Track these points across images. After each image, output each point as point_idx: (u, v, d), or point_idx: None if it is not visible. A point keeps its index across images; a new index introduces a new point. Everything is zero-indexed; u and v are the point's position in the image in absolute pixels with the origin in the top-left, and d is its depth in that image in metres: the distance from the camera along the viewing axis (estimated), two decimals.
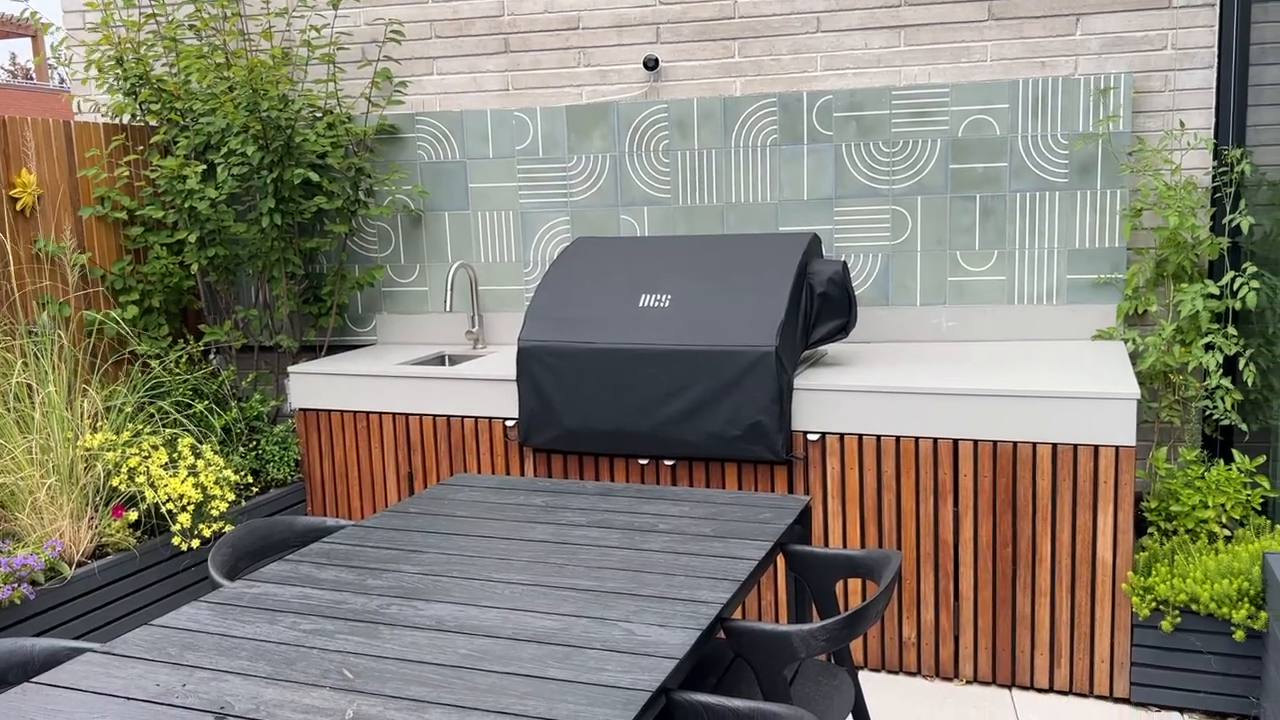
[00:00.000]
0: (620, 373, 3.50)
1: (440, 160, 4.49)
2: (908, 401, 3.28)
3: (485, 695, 1.68)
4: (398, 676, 1.76)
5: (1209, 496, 3.33)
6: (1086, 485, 3.13)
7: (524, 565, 2.27)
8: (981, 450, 3.23)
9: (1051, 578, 3.21)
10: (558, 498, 2.77)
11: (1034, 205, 3.90)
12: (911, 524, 3.33)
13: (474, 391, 3.82)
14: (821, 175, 4.08)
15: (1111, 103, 3.76)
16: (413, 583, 2.18)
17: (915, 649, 3.41)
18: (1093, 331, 3.91)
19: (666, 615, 1.97)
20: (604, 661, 1.78)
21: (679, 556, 2.29)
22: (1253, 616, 2.96)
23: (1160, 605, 3.08)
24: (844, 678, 2.40)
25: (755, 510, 2.60)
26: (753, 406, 3.36)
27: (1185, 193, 3.62)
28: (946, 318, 4.05)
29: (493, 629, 1.93)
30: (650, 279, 3.68)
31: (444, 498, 2.80)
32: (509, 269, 4.50)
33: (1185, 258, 3.66)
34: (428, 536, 2.49)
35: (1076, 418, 3.11)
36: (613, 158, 4.29)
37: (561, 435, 3.62)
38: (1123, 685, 3.19)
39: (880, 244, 4.07)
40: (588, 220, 4.37)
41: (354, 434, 4.05)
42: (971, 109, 3.90)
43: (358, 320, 4.73)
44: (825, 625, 1.98)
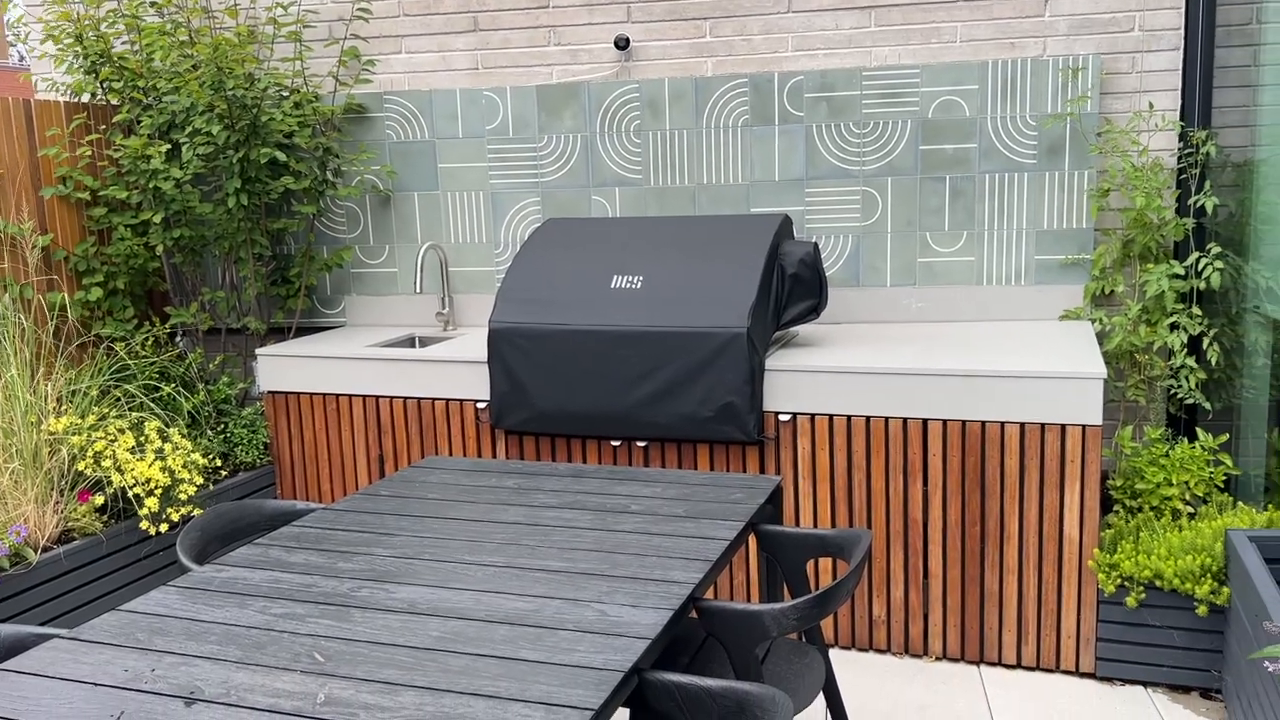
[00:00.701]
0: (592, 354, 3.50)
1: (409, 140, 4.45)
2: (878, 382, 3.30)
3: (458, 677, 1.68)
4: (369, 659, 1.75)
5: (1173, 474, 3.38)
6: (1054, 464, 3.17)
7: (496, 547, 2.26)
8: (950, 430, 3.25)
9: (1019, 555, 3.25)
10: (530, 480, 2.77)
11: (1003, 186, 3.93)
12: (881, 503, 3.36)
13: (445, 373, 3.80)
14: (793, 156, 4.08)
15: (1080, 84, 3.78)
16: (384, 565, 2.18)
17: (885, 627, 3.44)
18: (1060, 311, 3.95)
19: (639, 596, 1.97)
20: (576, 642, 1.78)
21: (651, 537, 2.29)
22: (1215, 592, 3.01)
23: (1125, 582, 3.13)
24: (815, 656, 2.42)
25: (727, 491, 2.61)
26: (724, 387, 3.37)
27: (1152, 174, 3.65)
28: (916, 298, 4.08)
29: (465, 611, 1.93)
30: (622, 260, 3.67)
31: (415, 480, 2.79)
32: (479, 250, 4.47)
33: (1151, 238, 3.70)
34: (399, 519, 2.48)
35: (1044, 397, 3.14)
36: (584, 138, 4.27)
37: (533, 417, 3.61)
38: (1088, 660, 3.24)
39: (851, 225, 4.08)
40: (559, 201, 4.35)
41: (323, 417, 4.02)
42: (941, 90, 3.91)
43: (326, 302, 4.69)
44: (796, 604, 1.99)
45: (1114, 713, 3.04)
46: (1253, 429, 3.55)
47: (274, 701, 1.62)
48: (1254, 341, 3.54)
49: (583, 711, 1.55)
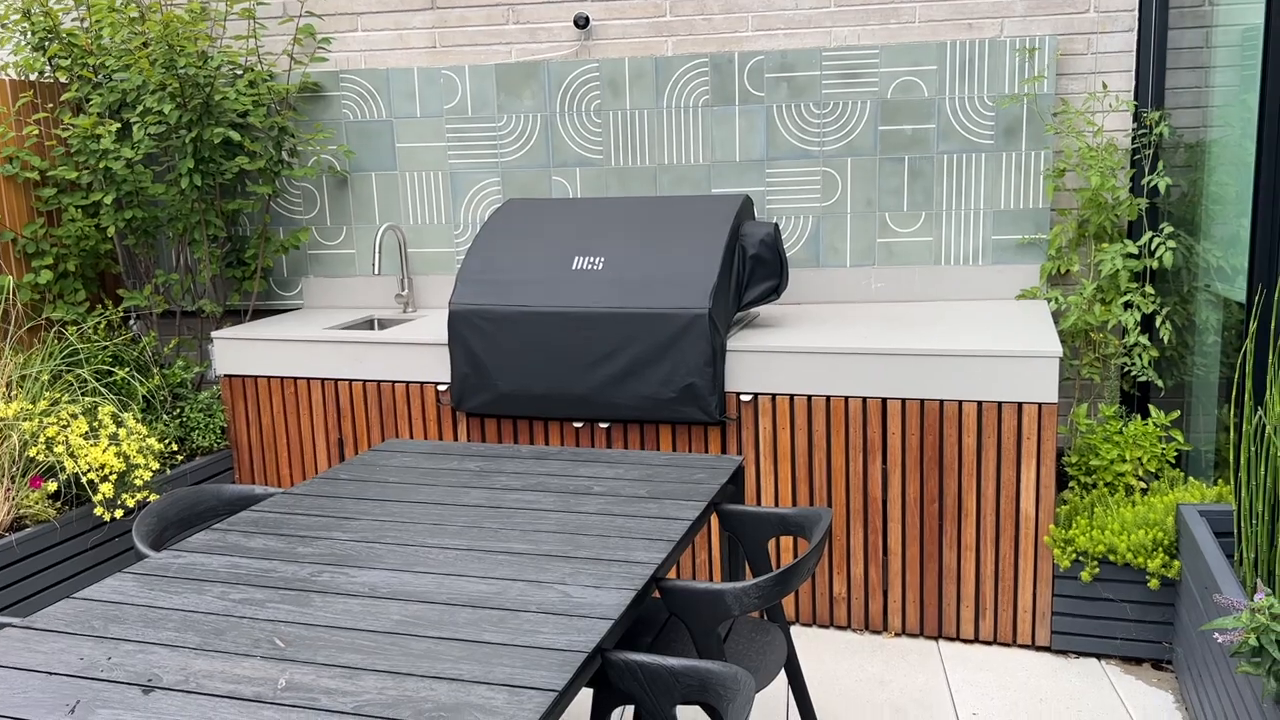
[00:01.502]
0: (554, 336, 3.49)
1: (366, 119, 4.39)
2: (838, 362, 3.32)
3: (420, 660, 1.67)
4: (330, 644, 1.74)
5: (1126, 450, 3.44)
6: (1010, 442, 3.21)
7: (458, 530, 2.25)
8: (909, 409, 3.28)
9: (976, 532, 3.30)
10: (492, 462, 2.76)
11: (961, 167, 3.96)
12: (841, 482, 3.39)
13: (405, 356, 3.77)
14: (753, 136, 4.08)
15: (1036, 64, 3.82)
16: (344, 550, 2.16)
17: (845, 603, 3.48)
18: (1017, 291, 3.99)
19: (602, 577, 1.98)
20: (540, 624, 1.79)
21: (614, 518, 2.30)
22: (1166, 565, 3.07)
23: (1080, 556, 3.19)
24: (776, 633, 2.44)
25: (689, 471, 2.62)
26: (686, 368, 3.38)
27: (1106, 154, 3.70)
28: (876, 279, 4.10)
29: (427, 594, 1.93)
30: (583, 241, 3.66)
31: (375, 464, 2.77)
32: (438, 231, 4.43)
33: (1106, 218, 3.75)
34: (359, 503, 2.46)
35: (1001, 376, 3.18)
36: (544, 118, 4.24)
37: (495, 399, 3.60)
38: (1044, 634, 3.29)
39: (811, 206, 4.10)
40: (519, 181, 4.32)
41: (281, 400, 3.98)
42: (900, 70, 3.93)
43: (283, 284, 4.63)
44: (758, 583, 2.00)
45: (1069, 685, 3.10)
46: (1203, 405, 3.62)
47: (234, 688, 1.61)
48: (1205, 320, 3.60)
49: (546, 693, 1.56)
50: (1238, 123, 3.25)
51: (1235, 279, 3.23)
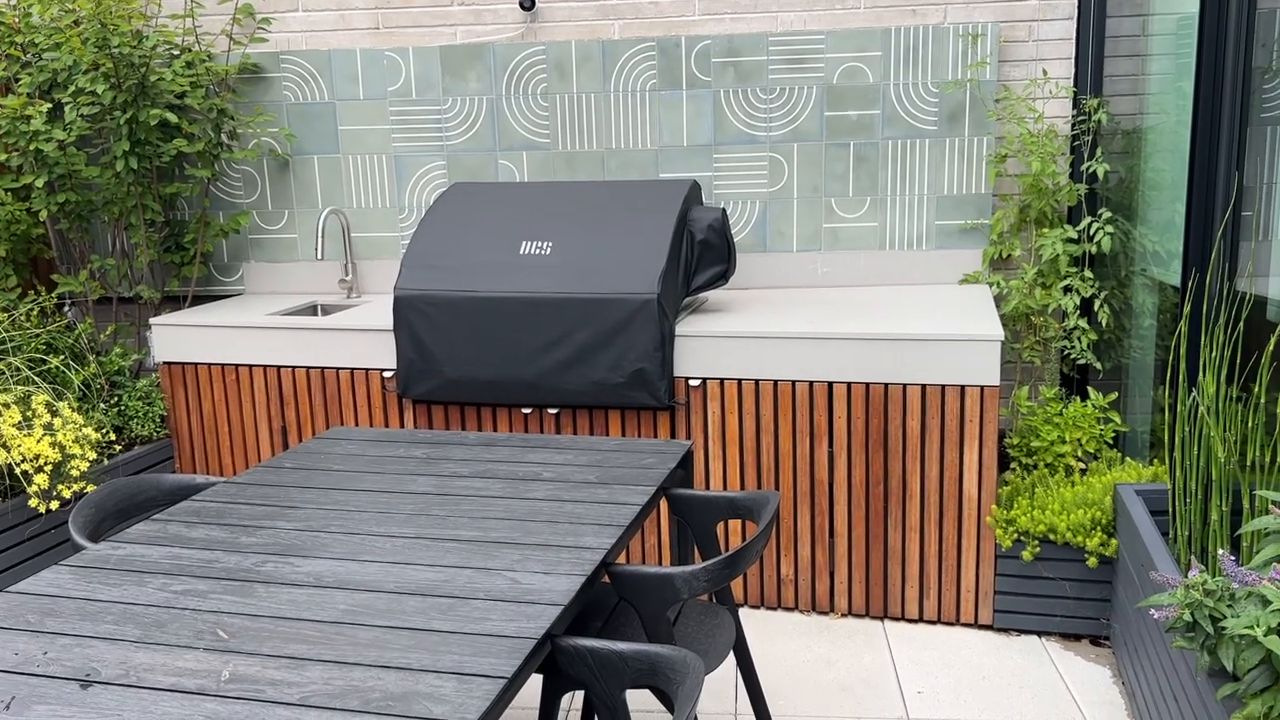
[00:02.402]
0: (501, 321, 3.46)
1: (308, 102, 4.32)
2: (785, 346, 3.34)
3: (367, 650, 1.66)
4: (275, 635, 1.72)
5: (1066, 432, 3.51)
6: (953, 424, 3.26)
7: (405, 518, 2.23)
8: (855, 392, 3.32)
9: (921, 513, 3.34)
10: (439, 449, 2.74)
11: (905, 152, 3.99)
12: (789, 465, 3.42)
13: (349, 342, 3.73)
14: (700, 121, 4.08)
15: (979, 51, 3.86)
16: (289, 539, 2.13)
17: (793, 585, 3.52)
18: (960, 275, 4.05)
19: (551, 563, 1.97)
20: (489, 611, 1.78)
21: (563, 504, 2.29)
22: (1104, 544, 3.15)
23: (1021, 536, 3.25)
24: (725, 616, 2.46)
25: (639, 456, 2.62)
26: (635, 353, 3.38)
27: (1047, 140, 3.76)
28: (822, 264, 4.13)
29: (374, 583, 1.91)
30: (531, 226, 3.63)
31: (320, 452, 2.74)
32: (383, 215, 4.38)
33: (1046, 203, 3.81)
34: (304, 492, 2.43)
35: (944, 360, 3.22)
36: (489, 100, 4.20)
37: (442, 385, 3.57)
38: (987, 613, 3.36)
39: (758, 191, 4.11)
40: (465, 165, 4.28)
41: (223, 388, 3.91)
42: (846, 56, 3.95)
43: (224, 269, 4.54)
44: (707, 566, 2.01)
45: (1010, 662, 3.17)
46: (1139, 387, 3.71)
47: (176, 681, 1.58)
48: (1141, 303, 3.69)
49: (495, 680, 1.55)
50: (1173, 110, 3.32)
51: (1170, 263, 3.30)
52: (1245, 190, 2.87)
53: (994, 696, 2.97)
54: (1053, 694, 2.98)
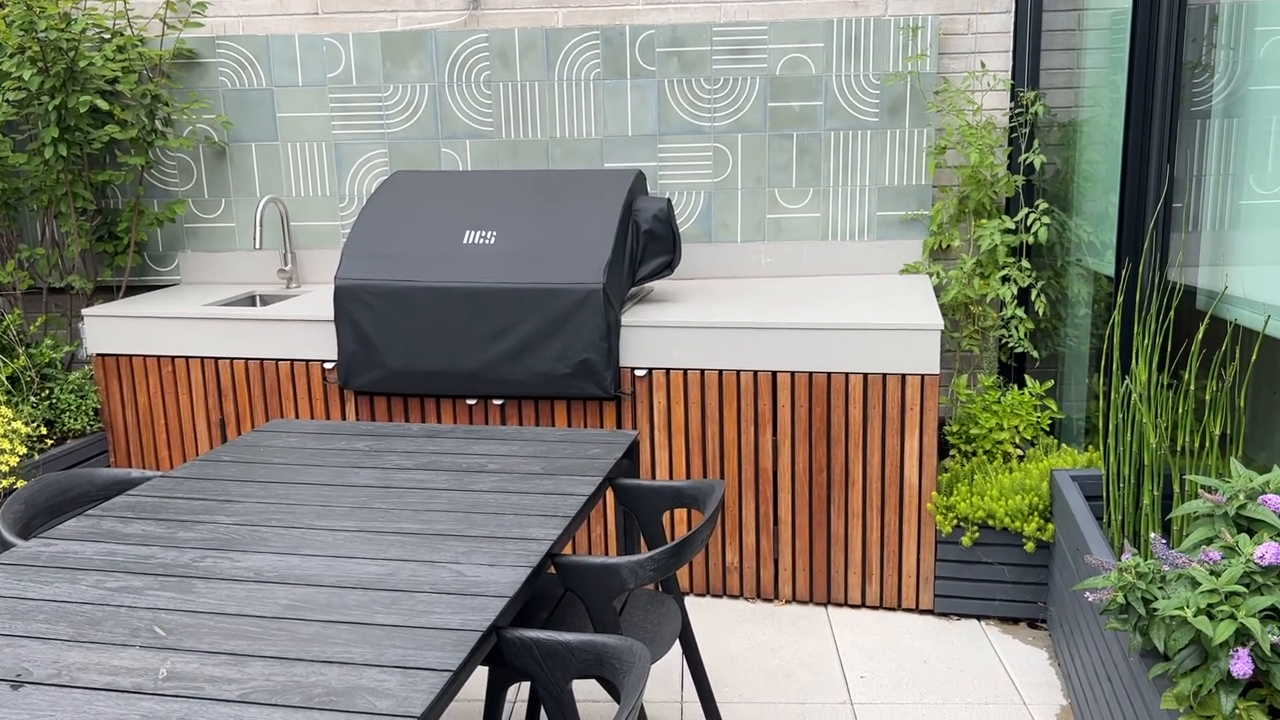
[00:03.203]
0: (445, 312, 3.43)
1: (245, 88, 4.23)
2: (730, 336, 3.36)
3: (309, 645, 1.64)
4: (215, 631, 1.69)
5: (1004, 419, 3.57)
6: (895, 412, 3.30)
7: (347, 511, 2.21)
8: (798, 381, 3.35)
9: (863, 500, 3.39)
10: (381, 441, 2.71)
11: (847, 144, 4.03)
12: (734, 453, 3.44)
13: (289, 333, 3.67)
14: (645, 111, 4.08)
15: (919, 43, 3.90)
16: (228, 534, 2.09)
17: (738, 573, 3.54)
18: (901, 265, 4.10)
19: (496, 555, 1.96)
20: (433, 604, 1.76)
21: (509, 495, 2.28)
22: (1041, 529, 3.21)
23: (961, 522, 3.30)
24: (671, 604, 2.47)
25: (585, 447, 2.62)
26: (581, 344, 3.37)
27: (985, 132, 3.81)
28: (766, 254, 4.16)
29: (315, 578, 1.88)
30: (474, 215, 3.60)
31: (259, 445, 2.69)
32: (323, 204, 4.31)
33: (985, 195, 3.87)
34: (243, 485, 2.39)
35: (885, 349, 3.26)
36: (431, 88, 4.15)
37: (384, 377, 3.53)
38: (928, 598, 3.41)
39: (703, 181, 4.12)
40: (406, 153, 4.23)
41: (159, 380, 3.83)
42: (789, 47, 3.97)
43: (159, 259, 4.44)
44: (653, 555, 2.02)
45: (951, 645, 3.22)
46: (1075, 375, 3.79)
47: (111, 680, 1.55)
48: (1076, 293, 3.76)
49: (440, 673, 1.54)
50: (1107, 103, 3.39)
51: (1105, 254, 3.38)
52: (1176, 182, 2.94)
53: (935, 680, 3.03)
54: (991, 676, 3.04)
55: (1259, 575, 1.83)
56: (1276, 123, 2.42)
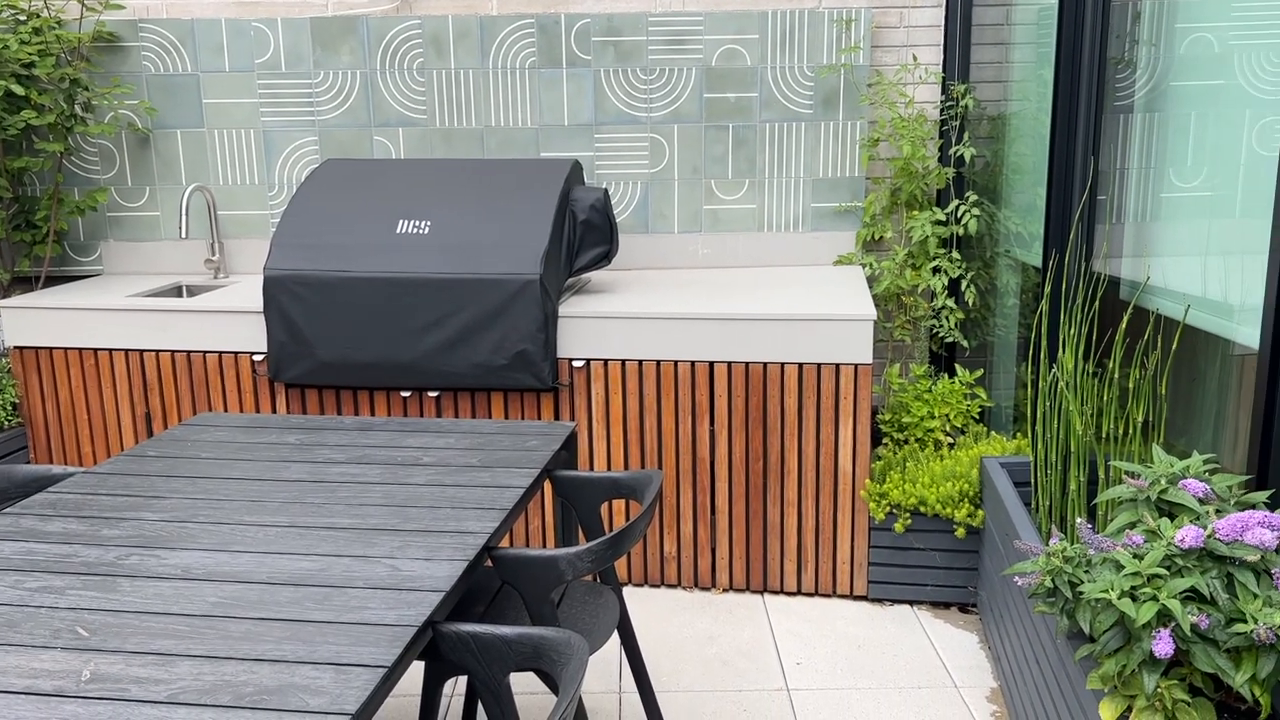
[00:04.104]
0: (378, 302, 3.38)
1: (169, 73, 4.12)
2: (667, 327, 3.36)
3: (239, 643, 1.60)
4: (141, 630, 1.64)
5: (935, 408, 3.63)
6: (829, 401, 3.34)
7: (278, 506, 2.17)
8: (735, 371, 3.36)
9: (798, 489, 3.42)
10: (313, 434, 2.66)
11: (782, 135, 4.05)
12: (672, 444, 3.45)
13: (216, 325, 3.58)
14: (581, 100, 4.06)
15: (852, 35, 3.94)
16: (154, 531, 2.04)
17: (676, 562, 3.55)
18: (835, 256, 4.14)
19: (432, 549, 1.94)
20: (367, 600, 1.74)
21: (445, 489, 2.26)
22: (972, 515, 3.28)
23: (893, 509, 3.35)
24: (609, 595, 2.47)
25: (522, 439, 2.60)
26: (518, 335, 3.35)
27: (917, 125, 3.86)
28: (702, 245, 4.17)
29: (245, 574, 1.84)
30: (407, 204, 3.55)
31: (186, 439, 2.63)
32: (251, 192, 4.22)
33: (916, 186, 3.93)
34: (169, 481, 2.33)
35: (819, 339, 3.29)
36: (363, 75, 4.08)
37: (315, 369, 3.47)
38: (862, 584, 3.46)
39: (639, 172, 4.11)
40: (338, 141, 4.15)
41: (81, 373, 3.71)
42: (724, 38, 3.98)
43: (80, 249, 4.31)
44: (591, 547, 2.01)
45: (884, 631, 3.27)
46: (1003, 364, 3.87)
47: (31, 683, 1.50)
48: (1005, 283, 3.84)
49: (375, 669, 1.52)
50: (1034, 97, 3.46)
51: (1032, 245, 3.45)
52: (1100, 175, 3.01)
53: (869, 665, 3.07)
54: (924, 660, 3.09)
55: (1180, 558, 1.89)
56: (1195, 118, 2.48)
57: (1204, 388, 2.41)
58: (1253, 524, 1.87)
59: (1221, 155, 2.35)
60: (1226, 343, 2.29)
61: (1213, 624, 1.81)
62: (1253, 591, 1.82)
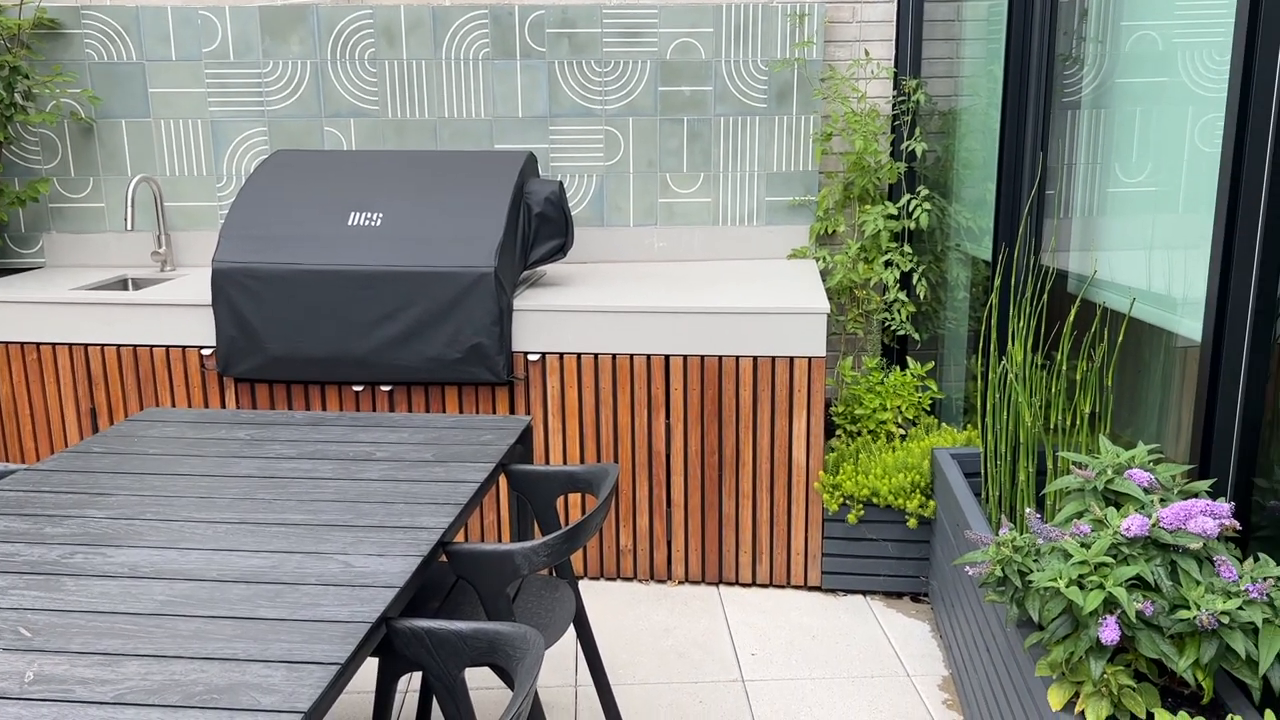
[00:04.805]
0: (329, 295, 3.34)
1: (114, 61, 4.03)
2: (623, 320, 3.36)
3: (189, 642, 1.58)
4: (86, 630, 1.61)
5: (887, 400, 3.67)
6: (783, 394, 3.36)
7: (228, 503, 2.13)
8: (690, 364, 3.37)
9: (753, 481, 3.44)
10: (264, 430, 2.62)
11: (737, 129, 4.06)
12: (628, 437, 3.45)
13: (164, 318, 3.52)
14: (536, 92, 4.04)
15: (806, 30, 3.96)
16: (100, 528, 2.00)
17: (632, 555, 3.56)
18: (789, 250, 4.17)
19: (386, 544, 1.92)
20: (319, 596, 1.72)
21: (398, 484, 2.24)
22: (923, 505, 3.32)
23: (846, 500, 3.39)
24: (565, 589, 2.46)
25: (477, 433, 2.58)
26: (472, 328, 3.32)
27: (869, 119, 3.90)
28: (658, 238, 4.17)
29: (195, 572, 1.81)
30: (359, 196, 3.51)
31: (133, 435, 2.58)
32: (199, 183, 4.15)
33: (869, 181, 3.96)
34: (116, 478, 2.28)
35: (774, 332, 3.31)
36: (314, 65, 4.03)
37: (266, 363, 3.42)
38: (815, 574, 3.49)
39: (595, 164, 4.10)
40: (288, 132, 4.09)
41: (23, 368, 3.63)
42: (679, 31, 3.98)
43: (21, 240, 4.21)
44: (546, 541, 2.01)
45: (838, 621, 3.30)
46: (954, 357, 3.92)
47: None
48: (956, 277, 3.88)
49: (328, 666, 1.50)
50: (985, 92, 3.50)
51: (982, 239, 3.49)
52: (1049, 171, 3.06)
53: (823, 654, 3.10)
54: (877, 649, 3.13)
55: (1125, 546, 1.93)
56: (1140, 114, 2.53)
57: (1149, 379, 2.46)
58: (1195, 512, 1.91)
59: (1165, 151, 2.40)
60: (1170, 335, 2.34)
61: (1157, 611, 1.85)
62: (1195, 578, 1.86)
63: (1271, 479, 1.99)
